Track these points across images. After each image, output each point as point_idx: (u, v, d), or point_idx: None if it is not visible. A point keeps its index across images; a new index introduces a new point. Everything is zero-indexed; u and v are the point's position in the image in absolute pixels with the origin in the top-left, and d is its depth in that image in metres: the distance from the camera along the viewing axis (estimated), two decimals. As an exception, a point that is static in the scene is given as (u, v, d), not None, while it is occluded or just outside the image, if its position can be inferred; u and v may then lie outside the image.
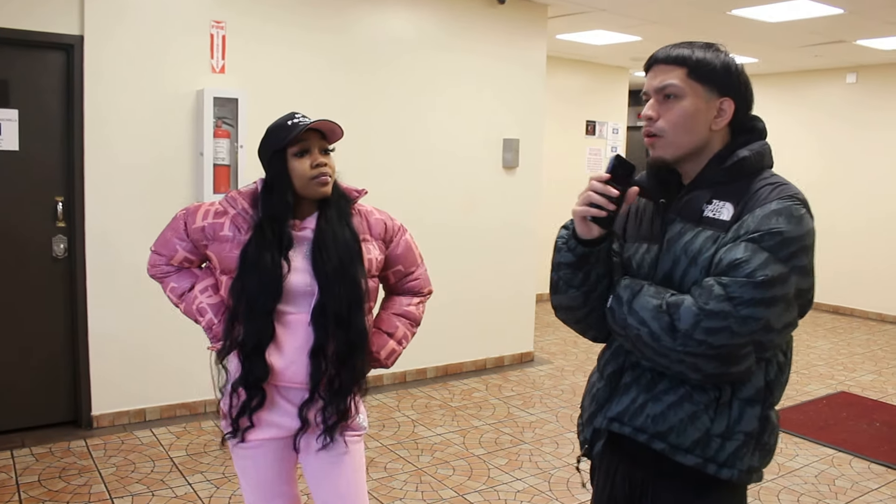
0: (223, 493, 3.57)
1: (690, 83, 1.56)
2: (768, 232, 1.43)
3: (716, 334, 1.41)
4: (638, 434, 1.57)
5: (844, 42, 6.85)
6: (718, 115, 1.57)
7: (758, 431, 1.54)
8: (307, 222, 2.04)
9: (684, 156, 1.60)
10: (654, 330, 1.47)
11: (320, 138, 2.02)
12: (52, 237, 4.19)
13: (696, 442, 1.52)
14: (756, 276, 1.40)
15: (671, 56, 1.58)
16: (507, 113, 5.79)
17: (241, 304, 1.96)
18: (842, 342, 7.21)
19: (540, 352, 6.34)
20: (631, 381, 1.61)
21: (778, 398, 1.60)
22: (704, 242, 1.52)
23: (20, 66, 4.03)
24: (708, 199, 1.56)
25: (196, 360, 4.57)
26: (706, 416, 1.51)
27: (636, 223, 1.72)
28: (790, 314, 1.47)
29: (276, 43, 4.68)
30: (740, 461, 1.52)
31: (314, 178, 1.98)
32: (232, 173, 4.47)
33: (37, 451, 3.96)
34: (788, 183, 1.54)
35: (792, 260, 1.44)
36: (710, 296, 1.42)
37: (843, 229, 8.40)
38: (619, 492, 1.69)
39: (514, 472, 3.94)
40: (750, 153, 1.57)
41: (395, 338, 2.18)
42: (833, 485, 3.89)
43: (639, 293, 1.53)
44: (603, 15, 6.08)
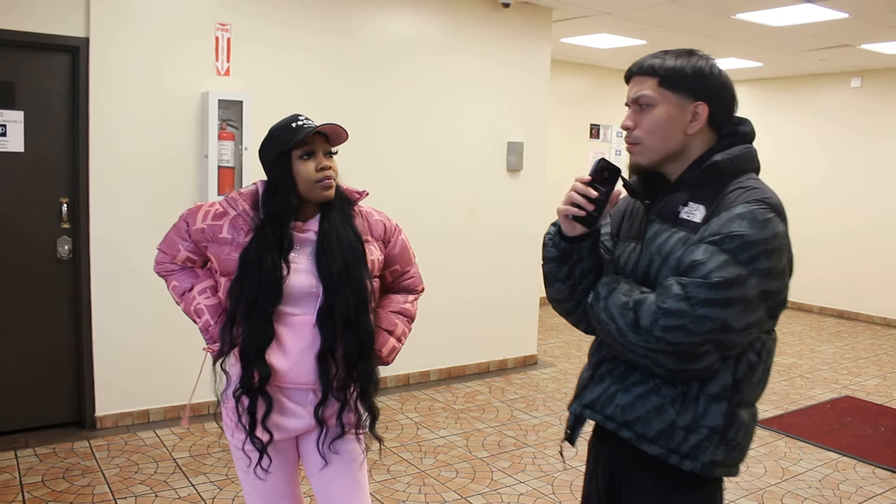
0: (226, 495, 3.57)
1: (662, 91, 1.62)
2: (728, 235, 1.48)
3: (673, 332, 1.47)
4: (608, 422, 1.65)
5: (849, 46, 6.84)
6: (693, 119, 1.62)
7: (722, 427, 1.57)
8: (310, 224, 2.05)
9: (662, 160, 1.66)
10: (620, 326, 1.54)
11: (325, 141, 2.03)
12: (57, 238, 4.20)
13: (661, 433, 1.58)
14: (711, 277, 1.46)
15: (644, 67, 1.66)
16: (512, 116, 5.79)
17: (239, 306, 1.96)
18: (846, 346, 7.19)
19: (543, 355, 6.33)
20: (606, 372, 1.69)
21: (750, 397, 1.63)
22: (676, 243, 1.58)
23: (26, 68, 4.05)
24: (684, 202, 1.62)
25: (199, 361, 4.57)
26: (672, 409, 1.57)
27: (628, 223, 1.78)
28: (752, 315, 1.50)
29: (281, 45, 4.69)
30: (703, 454, 1.57)
31: (318, 182, 1.99)
32: (236, 175, 4.48)
33: (40, 452, 3.97)
34: (761, 187, 1.58)
35: (753, 263, 1.47)
36: (668, 295, 1.49)
37: (847, 233, 8.39)
38: (601, 478, 1.78)
39: (518, 475, 3.93)
40: (724, 158, 1.61)
41: (395, 335, 2.19)
42: (837, 489, 3.88)
43: (614, 290, 1.60)
44: (607, 19, 6.09)
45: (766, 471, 4.09)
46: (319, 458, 2.11)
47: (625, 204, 1.86)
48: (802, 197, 8.61)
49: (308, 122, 2.02)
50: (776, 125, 9.00)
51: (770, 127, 9.05)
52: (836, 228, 8.50)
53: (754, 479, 3.97)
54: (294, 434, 2.08)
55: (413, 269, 2.30)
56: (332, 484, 2.14)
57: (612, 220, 1.86)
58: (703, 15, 5.77)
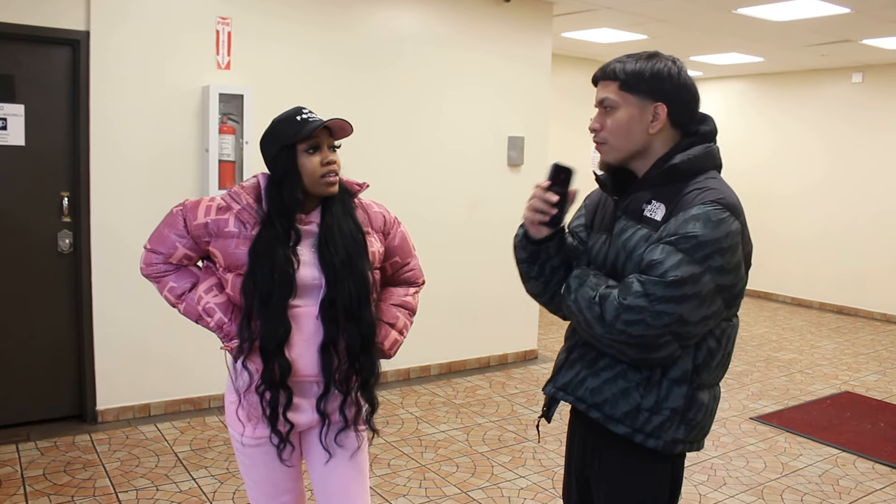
0: (227, 489, 3.57)
1: (623, 94, 1.74)
2: (684, 236, 1.60)
3: (633, 326, 1.60)
4: (578, 403, 1.79)
5: (850, 41, 6.83)
6: (654, 119, 1.73)
7: (683, 408, 1.70)
8: (312, 216, 2.04)
9: (627, 159, 1.78)
10: (587, 318, 1.68)
11: (329, 135, 2.02)
12: (58, 232, 4.20)
13: (627, 414, 1.71)
14: (668, 276, 1.58)
15: (607, 71, 1.78)
16: (512, 111, 5.79)
17: (254, 300, 1.94)
18: (846, 342, 7.19)
19: (544, 349, 6.34)
20: (577, 357, 1.82)
21: (710, 380, 1.75)
22: (639, 240, 1.70)
23: (26, 62, 4.04)
24: (648, 200, 1.74)
25: (200, 355, 4.58)
26: (637, 393, 1.70)
27: (601, 215, 1.89)
28: (706, 309, 1.62)
29: (282, 39, 4.68)
30: (665, 433, 1.71)
31: (323, 176, 1.98)
32: (237, 169, 4.48)
33: (42, 445, 3.97)
34: (718, 187, 1.67)
35: (707, 261, 1.59)
36: (629, 291, 1.61)
37: (847, 229, 8.39)
38: (576, 453, 1.93)
39: (518, 470, 3.94)
40: (682, 159, 1.70)
41: (397, 328, 2.19)
42: (837, 485, 3.89)
43: (583, 283, 1.72)
44: (609, 13, 6.08)
45: (766, 466, 4.10)
46: (322, 451, 2.11)
47: (598, 196, 1.95)
48: (803, 193, 8.61)
49: (313, 116, 2.01)
50: (777, 121, 9.00)
51: (770, 123, 9.05)
52: (836, 224, 8.49)
53: (754, 474, 3.98)
54: (298, 428, 2.07)
55: (413, 261, 2.29)
56: (334, 478, 2.14)
57: (587, 211, 1.97)
58: (704, 9, 5.76)
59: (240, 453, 2.13)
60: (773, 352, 6.68)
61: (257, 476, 2.13)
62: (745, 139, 9.09)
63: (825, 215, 8.53)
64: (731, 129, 8.76)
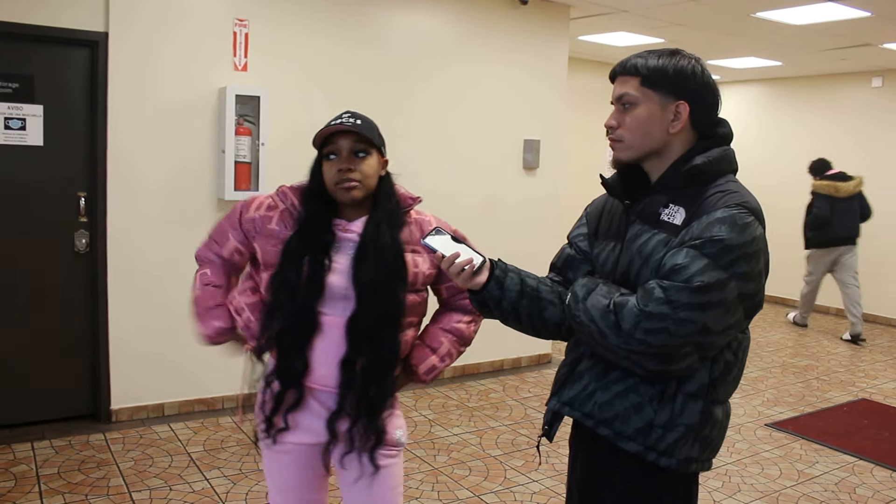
0: (240, 489, 3.58)
1: (644, 91, 1.65)
2: (709, 239, 1.51)
3: (655, 335, 1.50)
4: (586, 419, 1.68)
5: (871, 45, 6.77)
6: (675, 118, 1.65)
7: (698, 424, 1.62)
8: (354, 225, 1.98)
9: (643, 158, 1.69)
10: (601, 328, 1.56)
11: (355, 140, 1.94)
12: (75, 232, 4.23)
13: (639, 430, 1.61)
14: (693, 281, 1.49)
15: (627, 66, 1.69)
16: (528, 114, 5.77)
17: (280, 297, 1.92)
18: (863, 349, 7.12)
19: (557, 353, 6.31)
20: (585, 370, 1.71)
21: (724, 395, 1.68)
22: (657, 245, 1.61)
23: (45, 63, 4.07)
24: (665, 203, 1.65)
25: (214, 356, 4.57)
26: (650, 408, 1.61)
27: (607, 222, 1.80)
28: (731, 317, 1.54)
29: (299, 42, 4.70)
30: (679, 451, 1.61)
31: (338, 184, 1.93)
32: (253, 171, 4.49)
33: (57, 444, 4.00)
34: (740, 190, 1.60)
35: (732, 267, 1.51)
36: (650, 298, 1.52)
37: (865, 234, 8.29)
38: (579, 473, 1.81)
39: (531, 474, 3.92)
40: (704, 161, 1.62)
41: (438, 354, 2.11)
42: (854, 493, 3.85)
43: (592, 292, 1.62)
44: (626, 16, 6.05)
45: (782, 473, 4.06)
46: (347, 470, 2.05)
47: (602, 202, 1.87)
48: (821, 197, 8.53)
49: (343, 121, 1.96)
50: (795, 126, 8.93)
51: (788, 127, 8.98)
52: (854, 229, 8.41)
53: (769, 481, 3.94)
54: (321, 439, 2.01)
55: None
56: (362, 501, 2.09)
57: (588, 219, 1.88)
58: (721, 13, 5.72)
59: (265, 457, 2.11)
60: (789, 357, 6.63)
61: (279, 480, 2.09)
62: (763, 144, 9.02)
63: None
64: (748, 134, 8.70)
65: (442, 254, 1.67)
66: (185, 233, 4.42)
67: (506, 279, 1.70)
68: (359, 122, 1.96)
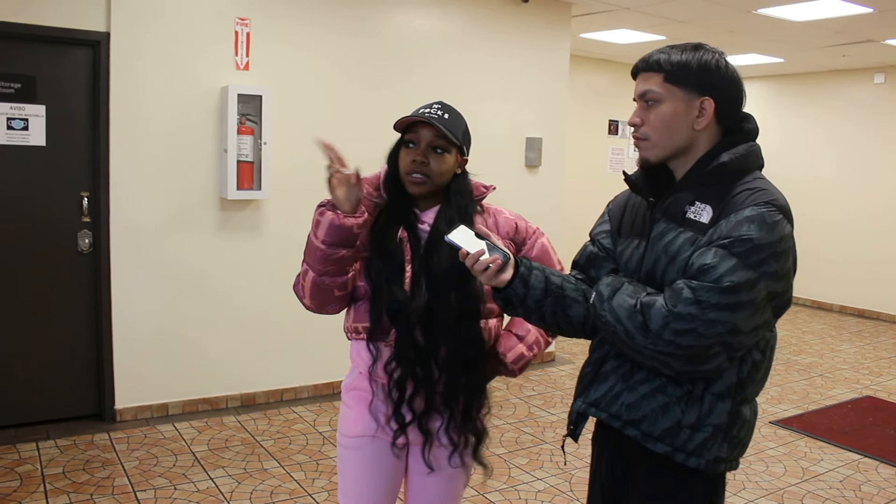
0: (245, 489, 3.58)
1: (668, 87, 1.62)
2: (738, 238, 1.49)
3: (683, 335, 1.48)
4: (612, 420, 1.65)
5: (873, 42, 6.75)
6: (700, 114, 1.62)
7: (727, 425, 1.59)
8: (426, 215, 1.96)
9: (669, 156, 1.66)
10: (628, 329, 1.54)
11: (436, 135, 1.91)
12: (78, 232, 4.23)
13: (667, 431, 1.59)
14: (723, 281, 1.46)
15: (649, 62, 1.65)
16: (530, 112, 5.77)
17: (381, 282, 1.89)
18: (867, 346, 7.11)
19: (561, 352, 6.31)
20: (611, 370, 1.68)
21: (752, 394, 1.66)
22: (683, 244, 1.58)
23: (48, 63, 4.07)
24: (691, 201, 1.62)
25: (218, 355, 4.60)
26: (678, 408, 1.58)
27: (631, 219, 1.77)
28: (760, 317, 1.52)
29: (300, 41, 4.69)
30: (707, 451, 1.59)
31: (408, 174, 1.91)
32: (255, 170, 4.49)
33: (61, 444, 4.00)
34: (768, 188, 1.58)
35: (762, 266, 1.48)
36: (678, 298, 1.49)
37: (870, 231, 8.29)
38: (604, 475, 1.78)
39: (535, 472, 3.92)
40: (731, 157, 1.60)
41: (526, 342, 2.03)
42: (859, 490, 3.84)
43: (618, 291, 1.59)
44: (627, 14, 6.04)
45: (786, 470, 4.05)
46: (420, 466, 2.01)
47: (624, 199, 1.84)
48: (824, 195, 8.52)
49: (430, 112, 1.94)
50: (797, 122, 8.91)
51: (791, 124, 8.97)
52: (857, 226, 8.40)
53: (774, 478, 3.94)
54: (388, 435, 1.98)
55: None
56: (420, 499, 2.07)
57: (611, 215, 1.84)
58: (723, 10, 5.71)
59: (345, 457, 2.06)
60: (793, 355, 6.62)
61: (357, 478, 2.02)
62: (765, 141, 8.91)
63: (847, 218, 8.44)
64: (750, 131, 8.68)
65: (466, 251, 1.63)
66: (188, 232, 4.44)
67: (530, 276, 1.67)
68: (446, 117, 1.94)
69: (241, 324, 4.65)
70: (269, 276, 4.64)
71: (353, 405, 2.04)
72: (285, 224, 4.66)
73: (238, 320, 4.64)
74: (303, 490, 3.60)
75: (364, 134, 4.92)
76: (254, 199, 4.56)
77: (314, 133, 1.98)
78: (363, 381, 2.00)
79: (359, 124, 4.86)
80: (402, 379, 1.89)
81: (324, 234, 1.82)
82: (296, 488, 3.62)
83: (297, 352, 4.84)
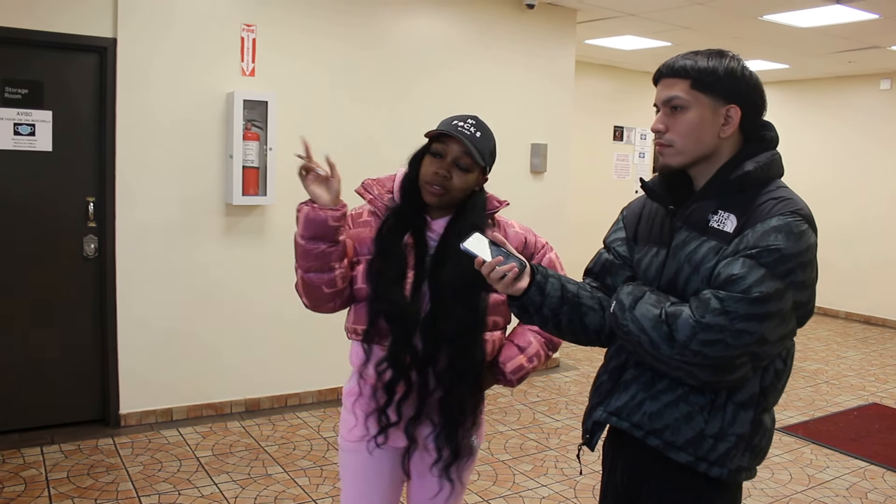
0: (249, 494, 3.58)
1: (694, 94, 1.60)
2: (766, 248, 1.48)
3: (711, 346, 1.47)
4: (635, 430, 1.63)
5: (879, 48, 6.74)
6: (725, 122, 1.61)
7: (749, 434, 1.59)
8: (437, 224, 1.98)
9: (692, 163, 1.64)
10: (653, 339, 1.52)
11: (463, 152, 1.92)
12: (84, 237, 4.24)
13: (690, 441, 1.57)
14: (752, 292, 1.45)
15: (675, 68, 1.63)
16: (535, 118, 5.77)
17: (380, 283, 1.90)
18: (874, 353, 7.08)
19: (566, 358, 6.30)
20: (632, 379, 1.66)
21: (773, 403, 1.65)
22: (707, 253, 1.57)
23: (54, 68, 4.09)
24: (714, 210, 1.60)
25: (223, 361, 4.61)
26: (701, 417, 1.57)
27: (647, 226, 1.76)
28: (786, 327, 1.51)
29: (306, 47, 4.71)
30: (730, 461, 1.58)
31: (428, 183, 1.92)
32: (261, 175, 4.50)
33: (66, 448, 4.00)
34: (793, 197, 1.57)
35: (789, 276, 1.48)
36: (706, 309, 1.47)
37: (875, 237, 8.27)
38: (619, 485, 1.76)
39: (540, 479, 3.91)
40: (755, 166, 1.59)
41: (527, 354, 2.05)
42: (865, 498, 3.82)
43: (640, 300, 1.57)
44: (632, 20, 6.05)
45: (792, 478, 4.03)
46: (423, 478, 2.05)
47: (640, 206, 1.82)
48: (831, 201, 8.49)
49: (464, 128, 1.95)
50: (803, 128, 8.89)
51: (797, 130, 8.95)
52: (864, 233, 8.38)
53: (779, 486, 3.92)
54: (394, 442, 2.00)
55: None
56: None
57: (626, 223, 1.83)
58: (729, 16, 5.71)
59: (346, 460, 2.08)
60: (799, 361, 6.59)
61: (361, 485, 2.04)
62: (771, 147, 8.98)
63: (854, 224, 8.41)
64: (755, 137, 8.66)
65: (483, 259, 1.62)
66: (193, 237, 4.45)
67: (547, 285, 1.66)
68: (478, 135, 1.95)
69: (245, 329, 4.66)
70: (274, 282, 4.64)
71: (352, 409, 2.05)
72: (290, 229, 4.60)
73: (242, 326, 4.65)
74: (307, 496, 3.60)
75: (368, 140, 4.94)
76: (259, 204, 4.56)
77: (319, 140, 1.99)
78: (364, 385, 2.02)
79: (363, 130, 4.88)
80: (392, 382, 1.90)
81: (302, 228, 1.89)
82: (300, 494, 3.61)
83: (301, 357, 4.84)
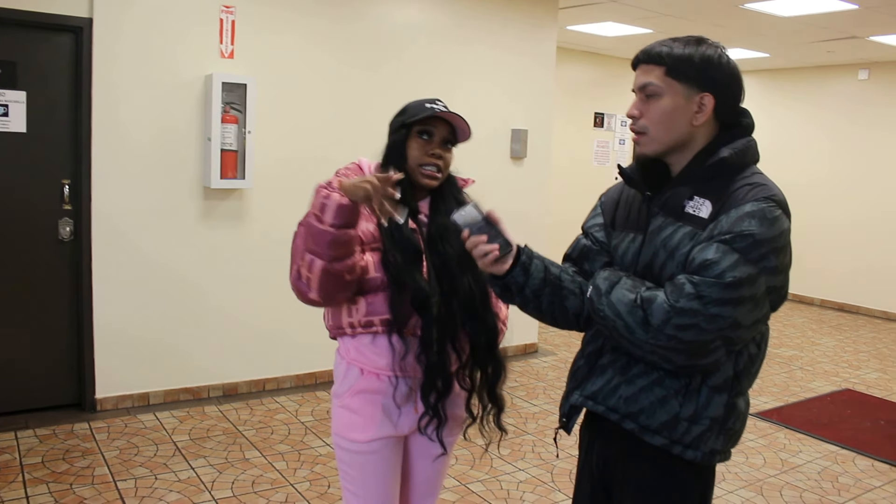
0: (226, 478, 3.57)
1: (668, 81, 1.60)
2: (740, 234, 1.49)
3: (685, 330, 1.48)
4: (610, 413, 1.65)
5: (857, 38, 6.80)
6: (699, 110, 1.60)
7: (723, 417, 1.61)
8: (420, 206, 2.01)
9: (667, 151, 1.65)
10: (628, 323, 1.53)
11: (448, 132, 1.99)
12: (59, 220, 4.19)
13: (664, 424, 1.59)
14: (725, 277, 1.47)
15: (651, 54, 1.63)
16: (516, 103, 5.76)
17: (400, 272, 1.89)
18: (847, 340, 7.19)
19: (544, 343, 6.33)
20: (607, 363, 1.68)
21: (747, 387, 1.67)
22: (682, 238, 1.58)
23: (29, 48, 4.02)
24: (689, 196, 1.61)
25: (200, 345, 4.58)
26: (675, 401, 1.59)
27: (625, 212, 1.77)
28: (759, 311, 1.53)
29: (286, 29, 4.66)
30: (704, 444, 1.61)
31: (423, 166, 1.94)
32: (239, 158, 4.46)
33: (41, 433, 3.97)
34: (767, 183, 1.58)
35: (762, 261, 1.49)
36: (681, 294, 1.49)
37: (850, 226, 8.37)
38: (594, 468, 1.79)
39: (517, 463, 3.93)
40: (731, 153, 1.59)
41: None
42: (836, 482, 3.88)
43: (616, 285, 1.59)
44: (614, 6, 6.04)
45: (766, 462, 4.09)
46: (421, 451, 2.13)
47: (618, 192, 1.83)
48: (807, 189, 8.58)
49: (441, 107, 1.98)
50: (782, 117, 8.96)
51: (775, 118, 9.02)
52: (839, 221, 8.48)
53: (753, 469, 3.98)
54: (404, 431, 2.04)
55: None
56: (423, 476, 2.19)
57: (604, 208, 1.84)
58: (710, 4, 5.73)
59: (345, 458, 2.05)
60: (774, 348, 6.67)
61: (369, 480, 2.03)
62: (750, 135, 9.05)
63: (828, 212, 8.51)
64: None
65: (469, 232, 1.63)
66: (170, 220, 4.41)
67: (531, 265, 1.66)
68: (458, 115, 1.97)
69: (223, 313, 4.63)
70: (253, 266, 4.62)
71: (360, 409, 2.00)
72: (269, 213, 4.64)
73: (220, 309, 4.62)
74: (284, 480, 3.60)
75: (348, 122, 4.91)
76: (237, 188, 4.53)
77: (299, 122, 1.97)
78: (372, 381, 1.98)
79: (344, 113, 4.85)
80: (432, 367, 1.93)
81: (332, 216, 1.77)
82: (277, 478, 3.61)
83: (279, 342, 4.82)
